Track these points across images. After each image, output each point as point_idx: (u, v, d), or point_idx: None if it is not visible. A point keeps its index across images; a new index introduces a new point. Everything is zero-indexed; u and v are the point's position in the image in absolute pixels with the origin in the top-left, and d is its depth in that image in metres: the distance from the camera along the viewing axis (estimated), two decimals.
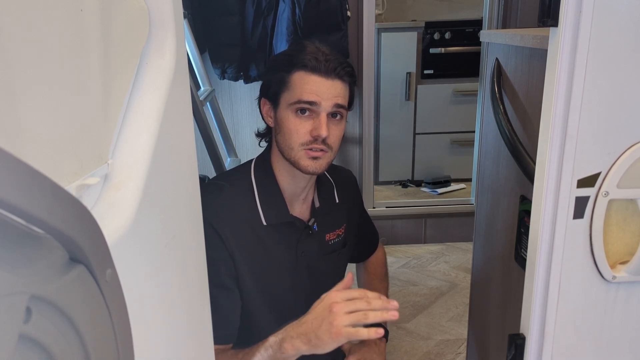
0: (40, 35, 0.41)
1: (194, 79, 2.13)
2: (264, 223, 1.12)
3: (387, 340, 1.32)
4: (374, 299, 0.92)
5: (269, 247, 1.13)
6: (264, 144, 1.21)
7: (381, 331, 0.88)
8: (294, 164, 1.09)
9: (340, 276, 1.31)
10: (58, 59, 0.44)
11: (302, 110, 1.06)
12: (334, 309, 0.91)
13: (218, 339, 1.04)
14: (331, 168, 1.31)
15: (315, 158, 1.07)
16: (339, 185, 1.28)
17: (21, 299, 0.29)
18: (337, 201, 1.26)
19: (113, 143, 0.52)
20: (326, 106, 1.05)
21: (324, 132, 1.04)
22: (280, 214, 1.14)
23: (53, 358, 0.33)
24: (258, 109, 1.17)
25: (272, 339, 1.00)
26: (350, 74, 1.10)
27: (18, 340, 0.29)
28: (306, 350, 0.94)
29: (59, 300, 0.33)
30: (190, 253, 0.70)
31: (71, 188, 0.44)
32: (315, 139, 1.05)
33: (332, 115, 1.07)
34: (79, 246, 0.35)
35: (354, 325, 0.90)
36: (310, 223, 1.18)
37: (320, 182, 1.23)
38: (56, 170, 0.42)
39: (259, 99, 1.16)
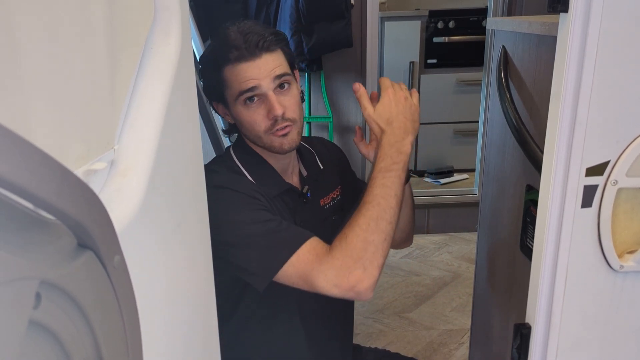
0: (46, 18, 0.41)
1: (197, 67, 2.12)
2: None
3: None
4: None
5: None
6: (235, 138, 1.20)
7: None
8: (269, 150, 1.10)
9: None
10: (64, 42, 0.43)
11: (250, 99, 1.05)
12: (403, 95, 1.07)
13: (307, 235, 1.01)
14: (307, 138, 1.32)
15: (285, 135, 1.07)
16: (318, 152, 1.29)
17: (31, 284, 0.29)
18: (322, 167, 1.27)
19: (119, 128, 0.52)
20: (267, 84, 1.04)
21: (278, 111, 1.04)
22: (277, 184, 1.14)
23: (62, 344, 0.33)
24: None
25: (381, 165, 1.03)
26: (277, 40, 1.07)
27: (28, 326, 0.28)
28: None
29: (68, 286, 0.33)
30: (197, 240, 0.70)
31: (78, 173, 0.43)
32: (275, 120, 1.05)
33: (279, 87, 1.06)
34: (88, 232, 0.34)
35: None
36: (304, 190, 1.19)
37: (302, 153, 1.24)
38: (63, 155, 0.42)
39: (210, 103, 1.15)
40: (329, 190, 1.26)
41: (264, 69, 1.04)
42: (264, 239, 1.01)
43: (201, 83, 1.17)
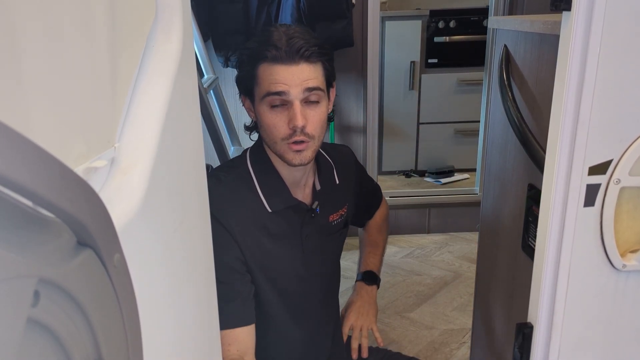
0: (47, 16, 0.40)
1: (198, 67, 2.12)
2: (269, 210, 1.11)
3: (378, 288, 1.39)
4: None
5: (275, 234, 1.13)
6: (255, 136, 1.19)
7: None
8: (280, 157, 1.08)
9: (339, 254, 1.33)
10: (65, 39, 0.43)
11: (276, 102, 1.03)
12: None
13: (244, 320, 1.05)
14: (329, 147, 1.31)
15: (299, 151, 1.05)
16: (338, 165, 1.27)
17: (29, 282, 0.28)
18: (338, 182, 1.25)
19: (120, 126, 0.51)
20: (296, 93, 1.02)
21: (299, 122, 1.01)
22: (284, 199, 1.13)
23: (61, 342, 0.33)
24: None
25: None
26: (320, 53, 1.04)
27: (26, 325, 0.28)
28: None
29: (67, 284, 0.33)
30: (198, 239, 0.69)
31: (78, 171, 0.43)
32: (294, 131, 1.03)
33: (309, 99, 1.04)
34: (88, 230, 0.34)
35: None
36: (313, 206, 1.18)
37: (320, 164, 1.22)
38: (63, 153, 0.42)
39: (240, 95, 1.14)
40: (339, 207, 1.24)
41: (297, 77, 1.01)
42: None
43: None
